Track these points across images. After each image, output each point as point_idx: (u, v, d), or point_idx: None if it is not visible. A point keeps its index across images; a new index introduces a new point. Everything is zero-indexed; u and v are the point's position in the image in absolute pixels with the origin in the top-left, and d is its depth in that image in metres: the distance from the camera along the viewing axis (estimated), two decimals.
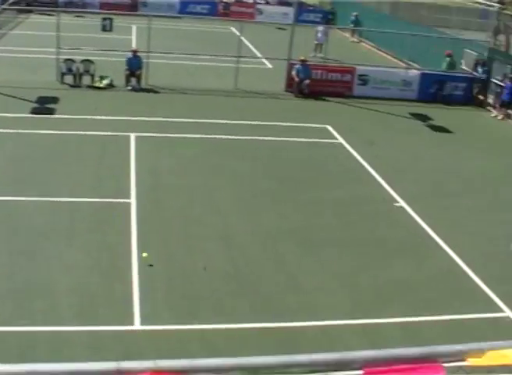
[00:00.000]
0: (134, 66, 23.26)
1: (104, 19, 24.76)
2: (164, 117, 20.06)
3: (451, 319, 10.73)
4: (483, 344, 2.67)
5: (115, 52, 24.48)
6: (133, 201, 13.95)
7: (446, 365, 2.58)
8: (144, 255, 11.66)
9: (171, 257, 11.95)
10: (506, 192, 16.83)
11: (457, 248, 13.23)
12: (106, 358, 6.02)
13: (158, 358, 3.46)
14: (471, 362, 2.59)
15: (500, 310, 11.14)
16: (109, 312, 10.10)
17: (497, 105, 24.66)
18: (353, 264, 12.26)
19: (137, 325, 9.84)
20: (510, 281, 12.23)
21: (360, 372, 2.46)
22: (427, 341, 9.42)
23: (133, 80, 23.26)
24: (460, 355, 2.59)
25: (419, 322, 10.55)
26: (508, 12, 26.86)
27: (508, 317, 10.96)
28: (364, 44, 37.49)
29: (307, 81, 24.29)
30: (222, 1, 42.99)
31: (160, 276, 11.27)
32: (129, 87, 23.11)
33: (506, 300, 11.41)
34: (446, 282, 12.04)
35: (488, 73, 25.62)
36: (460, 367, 2.68)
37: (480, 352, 2.59)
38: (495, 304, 11.33)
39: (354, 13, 36.60)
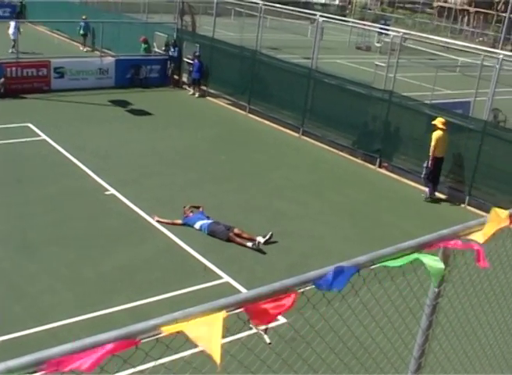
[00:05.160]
0: None
1: None
2: None
3: (177, 295, 11.08)
4: (176, 314, 2.80)
5: None
6: None
7: (144, 340, 2.68)
8: None
9: None
10: (206, 166, 17.87)
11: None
12: None
13: None
14: (165, 331, 2.72)
15: (219, 277, 11.79)
16: None
17: (190, 83, 25.81)
18: (74, 259, 12.09)
19: None
20: (218, 251, 12.97)
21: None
22: None
23: None
24: (156, 329, 2.71)
25: (146, 304, 10.75)
26: None
27: (227, 282, 11.62)
28: (56, 35, 36.76)
29: (2, 80, 23.20)
30: None
31: None
32: None
33: (221, 267, 12.10)
34: (167, 260, 12.42)
35: (180, 53, 26.56)
36: (158, 340, 2.81)
37: (173, 321, 2.74)
38: (214, 272, 11.94)
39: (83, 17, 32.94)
